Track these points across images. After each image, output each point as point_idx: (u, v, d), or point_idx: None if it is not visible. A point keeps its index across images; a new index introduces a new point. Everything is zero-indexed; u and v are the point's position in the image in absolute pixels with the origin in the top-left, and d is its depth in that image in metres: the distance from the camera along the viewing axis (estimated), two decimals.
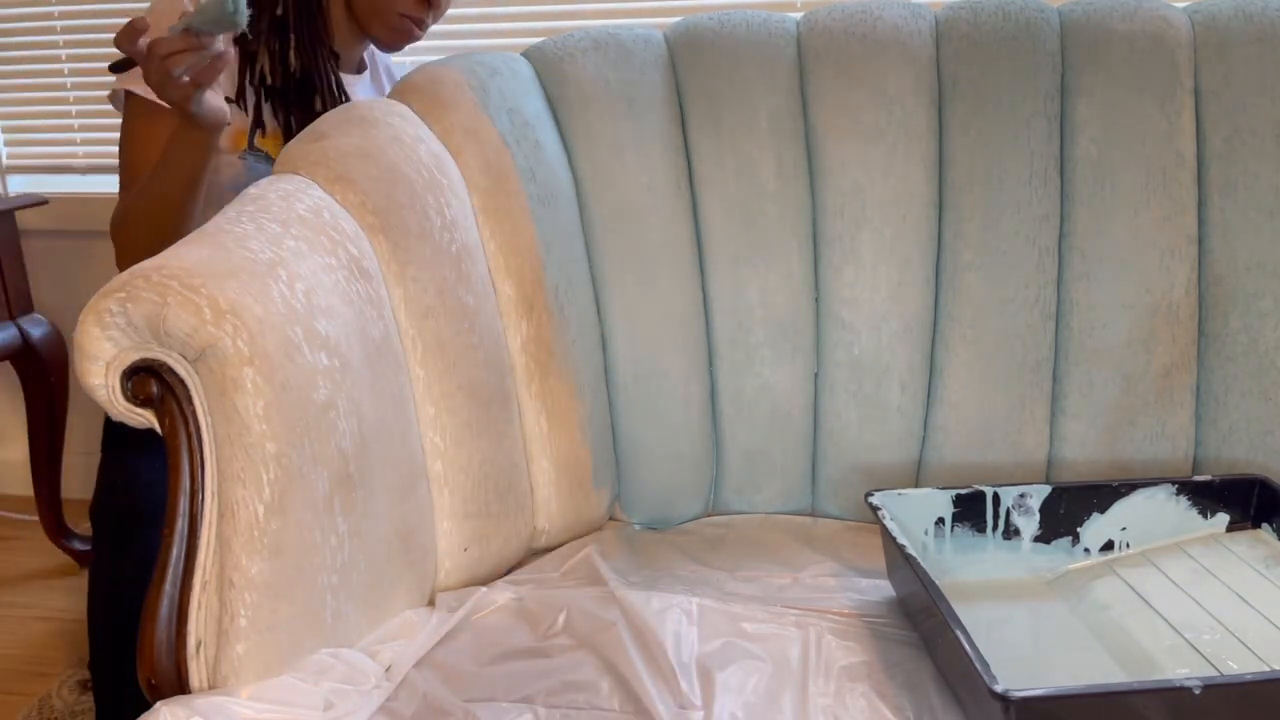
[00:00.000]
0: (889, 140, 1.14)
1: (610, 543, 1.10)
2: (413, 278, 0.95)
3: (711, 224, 1.16)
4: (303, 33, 1.23)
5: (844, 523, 1.17)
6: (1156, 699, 0.71)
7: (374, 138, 1.00)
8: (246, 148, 1.23)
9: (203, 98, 1.00)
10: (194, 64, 0.96)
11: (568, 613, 0.93)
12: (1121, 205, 1.12)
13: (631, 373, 1.14)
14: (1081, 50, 1.14)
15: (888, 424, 1.15)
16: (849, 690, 0.83)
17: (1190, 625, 0.90)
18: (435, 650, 0.88)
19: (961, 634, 0.76)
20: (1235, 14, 1.13)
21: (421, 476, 0.94)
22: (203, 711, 0.71)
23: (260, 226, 0.85)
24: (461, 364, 0.98)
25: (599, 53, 1.17)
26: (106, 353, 0.74)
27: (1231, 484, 1.03)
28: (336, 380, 0.82)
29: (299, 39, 1.23)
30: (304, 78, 1.24)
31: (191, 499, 0.75)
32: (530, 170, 1.09)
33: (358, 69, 1.36)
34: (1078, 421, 1.13)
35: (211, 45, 0.96)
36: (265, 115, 1.23)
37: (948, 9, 1.19)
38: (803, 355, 1.17)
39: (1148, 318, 1.12)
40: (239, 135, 1.23)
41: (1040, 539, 1.01)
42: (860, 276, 1.15)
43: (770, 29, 1.19)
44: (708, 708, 0.80)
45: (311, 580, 0.79)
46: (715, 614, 0.93)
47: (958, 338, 1.14)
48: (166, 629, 0.75)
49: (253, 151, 1.24)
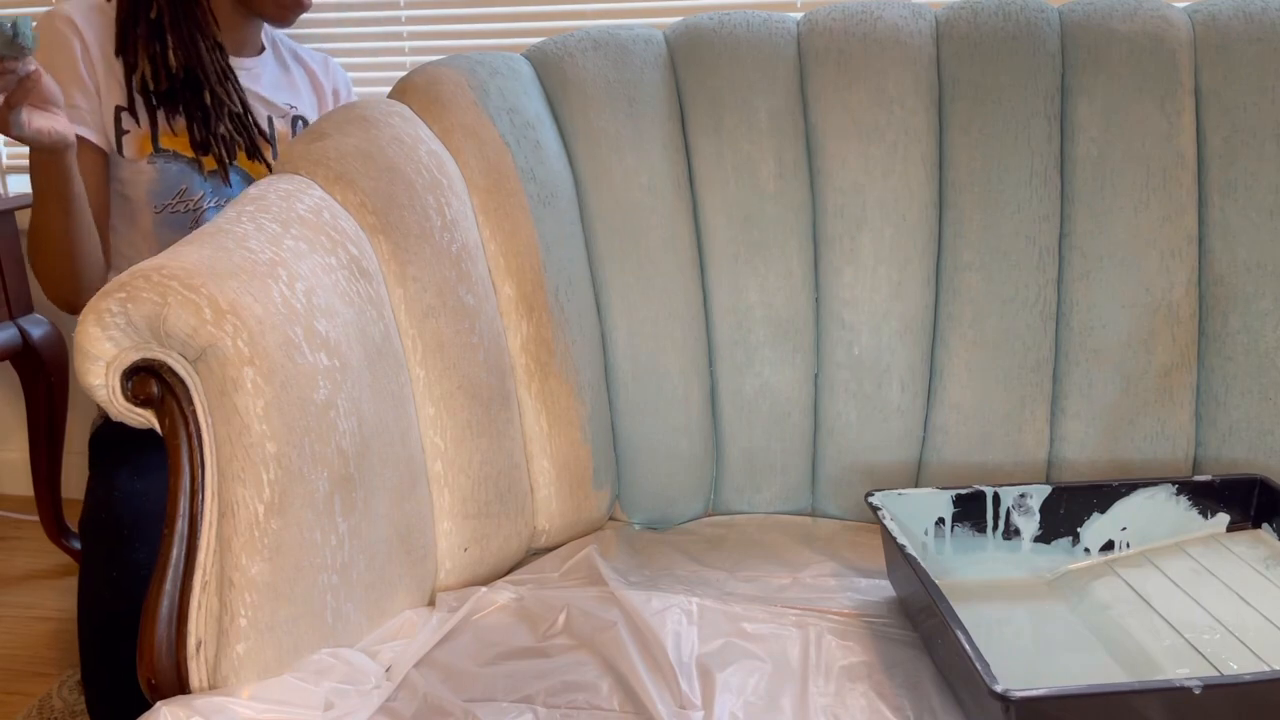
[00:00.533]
0: (889, 140, 1.14)
1: (610, 543, 1.10)
2: (413, 278, 0.95)
3: (711, 224, 1.16)
4: (180, 30, 1.24)
5: (844, 523, 1.17)
6: (1156, 699, 0.71)
7: (374, 138, 1.00)
8: (153, 151, 1.25)
9: (22, 119, 1.03)
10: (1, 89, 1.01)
11: (568, 613, 0.93)
12: (1121, 205, 1.12)
13: (631, 373, 1.14)
14: (1082, 50, 1.14)
15: (888, 424, 1.15)
16: (849, 690, 0.83)
17: (1190, 625, 0.90)
18: (435, 650, 0.88)
19: (961, 634, 0.76)
20: (1235, 14, 1.13)
21: (421, 476, 0.94)
22: (203, 711, 0.71)
23: (260, 226, 0.85)
24: (462, 364, 0.98)
25: (599, 53, 1.17)
26: (106, 353, 0.74)
27: (1231, 484, 1.03)
28: (336, 380, 0.82)
29: (177, 38, 1.24)
30: (188, 76, 1.25)
31: (191, 499, 0.75)
32: (530, 170, 1.09)
33: (257, 51, 1.37)
34: (1078, 421, 1.13)
35: (16, 68, 1.00)
36: (160, 118, 1.25)
37: (948, 9, 1.19)
38: (803, 355, 1.17)
39: (1148, 317, 1.12)
40: (142, 142, 1.24)
41: (1040, 539, 1.01)
42: (860, 276, 1.15)
43: (770, 29, 1.19)
44: (708, 708, 0.80)
45: (311, 580, 0.79)
46: (715, 614, 0.93)
47: (958, 338, 1.14)
48: (166, 629, 0.75)
49: (161, 153, 1.25)
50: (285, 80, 1.39)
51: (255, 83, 1.34)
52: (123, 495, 1.09)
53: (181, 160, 1.26)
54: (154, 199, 1.25)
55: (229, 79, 1.28)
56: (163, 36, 1.24)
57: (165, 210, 1.26)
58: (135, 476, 1.11)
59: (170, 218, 1.26)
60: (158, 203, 1.26)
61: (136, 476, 1.11)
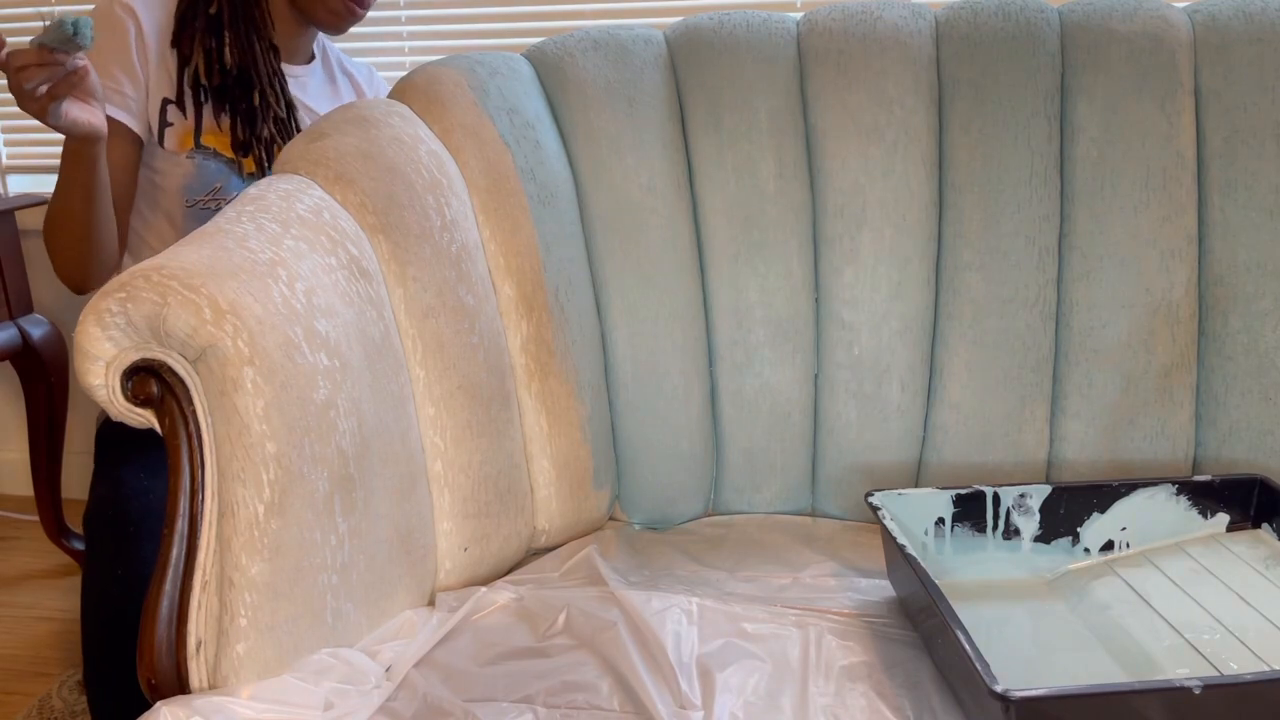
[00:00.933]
0: (889, 140, 1.14)
1: (610, 543, 1.10)
2: (413, 278, 0.95)
3: (711, 224, 1.16)
4: (238, 29, 1.25)
5: (844, 523, 1.17)
6: (1156, 699, 0.71)
7: (374, 138, 1.00)
8: (194, 147, 1.25)
9: (61, 110, 1.04)
10: (48, 78, 1.01)
11: (568, 613, 0.93)
12: (1121, 205, 1.12)
13: (631, 373, 1.14)
14: (1081, 50, 1.14)
15: (888, 424, 1.15)
16: (849, 690, 0.83)
17: (1190, 625, 0.90)
18: (435, 650, 0.88)
19: (961, 634, 0.76)
20: (1235, 14, 1.13)
21: (421, 476, 0.94)
22: (203, 711, 0.71)
23: (260, 226, 0.85)
24: (461, 364, 0.98)
25: (599, 53, 1.17)
26: (106, 353, 0.74)
27: (1231, 484, 1.03)
28: (336, 380, 0.82)
29: (234, 35, 1.25)
30: (241, 74, 1.25)
31: (191, 499, 0.75)
32: (530, 170, 1.09)
33: (307, 59, 1.37)
34: (1078, 421, 1.13)
35: (66, 62, 1.01)
36: (206, 114, 1.25)
37: (948, 9, 1.19)
38: (803, 355, 1.17)
39: (1148, 318, 1.12)
40: (185, 136, 1.25)
41: (1040, 539, 1.01)
42: (860, 276, 1.15)
43: (770, 29, 1.19)
44: (708, 708, 0.80)
45: (311, 580, 0.79)
46: (715, 614, 0.93)
47: (958, 337, 1.14)
48: (167, 629, 0.75)
49: (200, 150, 1.26)
50: (330, 91, 1.40)
51: (302, 91, 1.34)
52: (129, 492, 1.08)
53: (221, 159, 1.26)
54: (187, 193, 1.26)
55: (279, 82, 1.29)
56: (220, 33, 1.24)
57: (196, 205, 1.27)
58: (141, 473, 1.11)
59: (200, 213, 1.27)
60: (190, 197, 1.26)
61: (142, 473, 1.11)
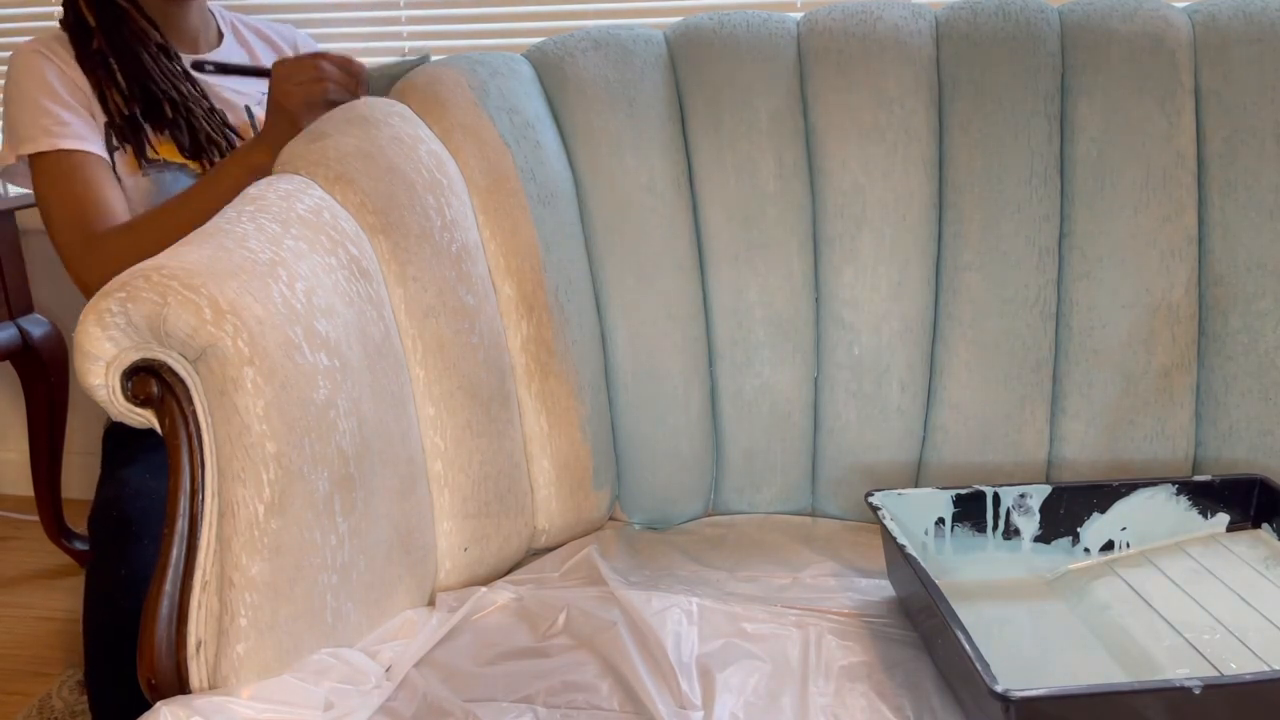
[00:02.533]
0: (889, 140, 1.14)
1: (610, 543, 1.10)
2: (413, 278, 0.95)
3: (711, 224, 1.16)
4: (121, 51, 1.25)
5: (844, 523, 1.17)
6: (1156, 699, 0.71)
7: (374, 138, 1.00)
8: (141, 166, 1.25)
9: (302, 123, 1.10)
10: (339, 97, 1.13)
11: (568, 613, 0.93)
12: (1121, 205, 1.12)
13: (631, 373, 1.14)
14: (1081, 50, 1.14)
15: (888, 424, 1.15)
16: (849, 690, 0.83)
17: (1190, 625, 0.90)
18: (435, 650, 0.88)
19: (961, 634, 0.76)
20: (1235, 14, 1.13)
21: (421, 476, 0.94)
22: (203, 711, 0.71)
23: (260, 226, 0.85)
24: (462, 364, 0.98)
25: (599, 53, 1.17)
26: (106, 353, 0.74)
27: (1231, 484, 1.03)
28: (336, 380, 0.82)
29: (120, 60, 1.25)
30: (144, 94, 1.25)
31: (191, 499, 0.75)
32: (530, 170, 1.09)
33: (216, 41, 1.37)
34: (1078, 421, 1.13)
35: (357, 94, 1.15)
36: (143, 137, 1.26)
37: (948, 9, 1.19)
38: (803, 355, 1.17)
39: (1148, 318, 1.12)
40: (131, 161, 1.25)
41: (1040, 539, 1.01)
42: (860, 276, 1.15)
43: (770, 29, 1.19)
44: (708, 708, 0.80)
45: (311, 580, 0.79)
46: (715, 614, 0.93)
47: (958, 337, 1.14)
48: (167, 629, 0.75)
49: (151, 164, 1.26)
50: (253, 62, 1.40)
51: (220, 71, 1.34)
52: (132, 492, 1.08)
53: (173, 166, 1.26)
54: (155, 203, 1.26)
55: (185, 84, 1.28)
56: (108, 64, 1.25)
57: None
58: (145, 473, 1.11)
59: None
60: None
61: (147, 474, 1.11)
